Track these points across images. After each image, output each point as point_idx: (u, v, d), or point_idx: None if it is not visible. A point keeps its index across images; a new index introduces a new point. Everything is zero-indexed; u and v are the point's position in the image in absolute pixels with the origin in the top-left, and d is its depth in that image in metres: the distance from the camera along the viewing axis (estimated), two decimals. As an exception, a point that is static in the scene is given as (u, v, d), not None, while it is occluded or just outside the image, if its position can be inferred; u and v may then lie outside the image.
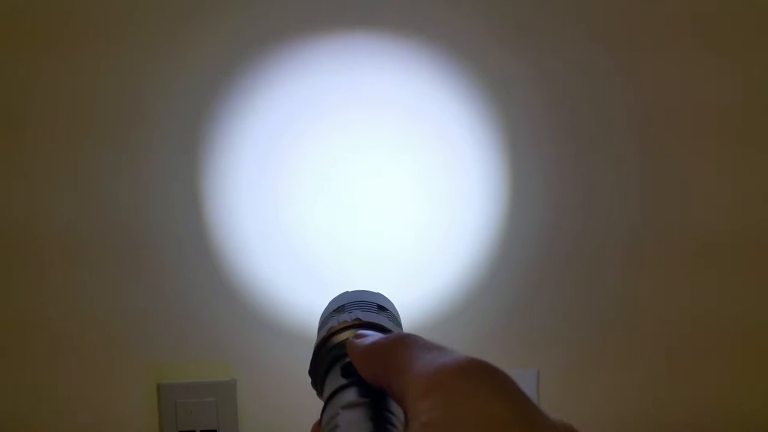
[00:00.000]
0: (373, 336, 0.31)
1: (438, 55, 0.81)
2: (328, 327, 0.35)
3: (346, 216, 0.82)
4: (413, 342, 0.29)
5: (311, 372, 0.35)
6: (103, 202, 0.81)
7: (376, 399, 0.29)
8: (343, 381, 0.31)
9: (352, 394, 0.30)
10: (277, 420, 0.85)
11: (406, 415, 0.27)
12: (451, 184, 0.82)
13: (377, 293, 0.40)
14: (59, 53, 0.79)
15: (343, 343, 0.33)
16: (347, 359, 0.32)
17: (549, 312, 0.84)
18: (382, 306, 0.38)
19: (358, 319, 0.35)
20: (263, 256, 0.82)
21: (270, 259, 0.82)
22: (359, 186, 0.82)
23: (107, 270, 0.82)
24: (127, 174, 0.81)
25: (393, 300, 0.40)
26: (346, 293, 0.39)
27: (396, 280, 0.82)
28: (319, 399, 0.36)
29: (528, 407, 0.24)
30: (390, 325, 0.35)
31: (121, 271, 0.82)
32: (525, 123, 0.82)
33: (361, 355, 0.30)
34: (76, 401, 0.84)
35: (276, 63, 0.80)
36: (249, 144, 0.81)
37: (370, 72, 0.81)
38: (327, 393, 0.31)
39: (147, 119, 0.81)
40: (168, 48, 0.80)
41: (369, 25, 0.80)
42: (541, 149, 0.82)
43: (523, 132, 0.82)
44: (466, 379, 0.25)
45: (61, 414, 0.84)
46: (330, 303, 0.39)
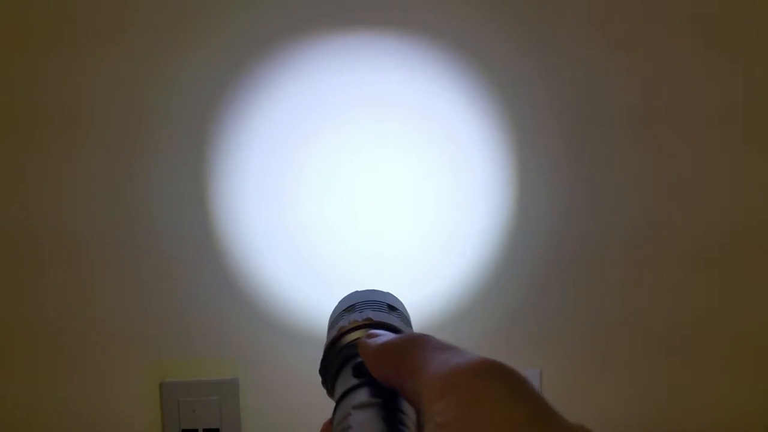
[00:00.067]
0: (385, 336, 0.31)
1: (444, 54, 0.80)
2: (338, 326, 0.35)
3: (351, 215, 0.82)
4: (427, 342, 0.28)
5: (322, 371, 0.35)
6: (108, 201, 0.81)
7: (388, 399, 0.29)
8: (355, 381, 0.31)
9: (363, 394, 0.30)
10: (280, 418, 0.84)
11: (419, 416, 0.27)
12: (458, 183, 0.82)
13: (387, 293, 0.39)
14: (63, 54, 0.79)
15: (355, 343, 0.33)
16: (359, 359, 0.32)
17: (554, 313, 0.84)
18: (392, 306, 0.37)
19: (369, 319, 0.35)
20: (267, 255, 0.82)
21: (274, 258, 0.82)
22: (365, 186, 0.82)
23: (111, 269, 0.82)
24: (132, 174, 0.81)
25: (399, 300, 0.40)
26: (356, 292, 0.39)
27: (401, 279, 0.82)
28: (329, 398, 0.36)
29: (543, 408, 0.24)
30: (401, 325, 0.35)
31: (125, 270, 0.82)
32: (531, 122, 0.82)
33: (373, 355, 0.30)
34: (79, 399, 0.84)
35: (281, 63, 0.80)
36: (255, 144, 0.81)
37: (375, 71, 0.81)
38: (338, 393, 0.31)
39: (152, 119, 0.81)
40: (173, 48, 0.80)
41: (374, 24, 0.80)
42: (548, 149, 0.82)
43: (530, 131, 0.82)
44: (480, 380, 0.24)
45: (64, 412, 0.84)
46: (340, 302, 0.39)
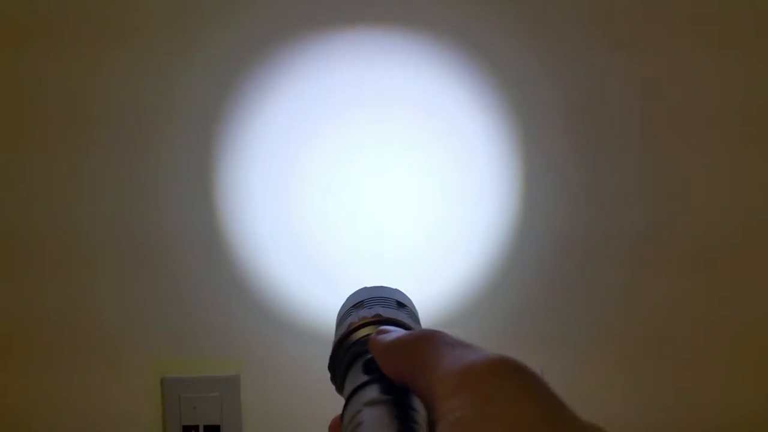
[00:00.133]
0: (396, 332, 0.31)
1: (448, 51, 0.80)
2: (348, 322, 0.35)
3: (356, 214, 0.82)
4: (439, 338, 0.28)
5: (331, 367, 0.34)
6: (110, 200, 0.81)
7: (399, 396, 0.29)
8: (365, 377, 0.30)
9: (374, 390, 0.29)
10: (281, 415, 0.84)
11: (432, 413, 0.26)
12: (463, 181, 0.81)
13: (396, 289, 0.39)
14: (64, 54, 0.79)
15: (364, 340, 0.33)
16: (369, 355, 0.31)
17: (559, 311, 0.84)
18: (401, 302, 0.37)
19: (378, 315, 0.34)
20: (271, 252, 0.82)
21: (277, 256, 0.82)
22: (370, 184, 0.82)
23: (113, 266, 0.82)
24: (134, 174, 0.81)
25: None
26: (364, 289, 0.39)
27: (406, 278, 0.82)
28: (338, 394, 0.35)
29: (558, 407, 0.24)
30: (410, 322, 0.35)
31: (127, 267, 0.82)
32: (537, 120, 0.81)
33: (384, 352, 0.30)
34: (80, 395, 0.84)
35: (285, 62, 0.80)
36: (259, 142, 0.81)
37: (380, 69, 0.80)
38: (348, 389, 0.31)
39: (154, 119, 0.80)
40: (175, 48, 0.80)
41: (378, 22, 0.80)
42: (554, 146, 0.82)
43: (536, 129, 0.81)
44: (495, 378, 0.24)
45: (66, 407, 0.84)
46: (348, 298, 0.39)
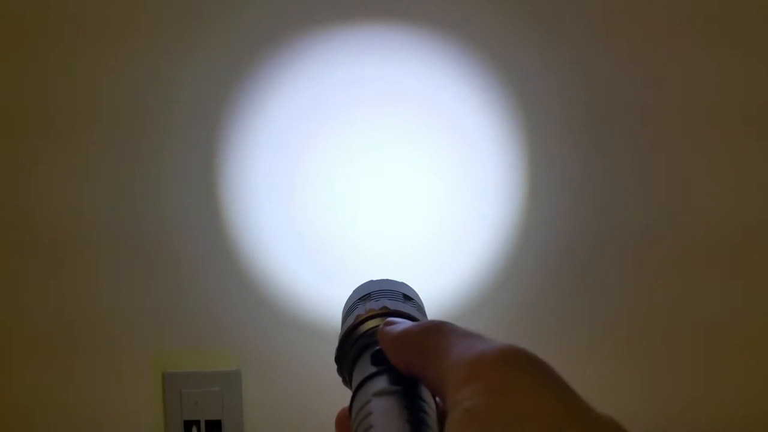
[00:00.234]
0: (404, 323, 0.31)
1: (451, 48, 0.80)
2: (355, 314, 0.35)
3: (360, 211, 0.81)
4: (449, 329, 0.28)
5: (338, 359, 0.35)
6: (110, 198, 0.81)
7: (408, 387, 0.29)
8: (374, 369, 0.30)
9: (383, 381, 0.29)
10: (282, 410, 0.84)
11: (443, 403, 0.26)
12: (467, 179, 0.81)
13: (402, 282, 0.39)
14: (64, 54, 0.79)
15: (372, 331, 0.33)
16: (377, 347, 0.31)
17: (563, 308, 0.83)
18: (407, 295, 0.37)
19: (385, 308, 0.34)
20: (273, 247, 0.82)
21: (280, 251, 0.82)
22: (373, 181, 0.81)
23: (114, 261, 0.82)
24: (136, 173, 0.81)
25: None
26: (370, 282, 0.39)
27: (410, 275, 0.81)
28: (343, 387, 0.35)
29: (572, 397, 0.24)
30: (417, 315, 0.35)
31: (128, 262, 0.82)
32: (541, 117, 0.81)
33: (393, 342, 0.30)
34: (81, 390, 0.84)
35: (286, 59, 0.80)
36: (263, 139, 0.80)
37: (382, 67, 0.80)
38: (356, 381, 0.31)
39: (157, 118, 0.80)
40: (176, 47, 0.79)
41: (379, 19, 0.80)
42: (558, 144, 0.81)
43: (540, 126, 0.81)
44: (508, 367, 0.24)
45: (66, 402, 0.84)
46: (354, 291, 0.39)
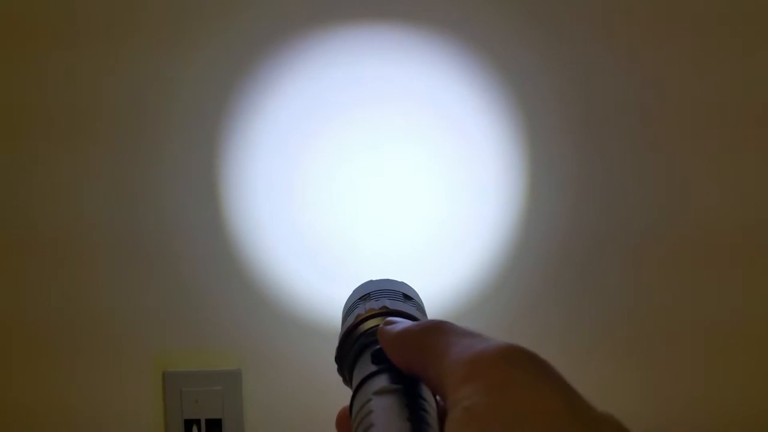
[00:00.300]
0: (404, 323, 0.31)
1: (451, 48, 0.80)
2: (355, 314, 0.35)
3: (360, 210, 0.81)
4: (448, 328, 0.28)
5: (338, 358, 0.35)
6: (111, 198, 0.81)
7: (408, 385, 0.29)
8: (374, 368, 0.31)
9: (383, 380, 0.30)
10: (283, 410, 0.84)
11: (444, 401, 0.27)
12: (467, 178, 0.81)
13: (402, 282, 0.40)
14: (65, 54, 0.79)
15: (372, 331, 0.33)
16: (377, 346, 0.32)
17: (564, 308, 0.83)
18: (407, 295, 0.37)
19: (385, 307, 0.35)
20: (273, 247, 0.82)
21: (280, 251, 0.82)
22: (373, 180, 0.81)
23: (115, 260, 0.82)
24: (136, 173, 0.81)
25: None
26: (370, 281, 0.39)
27: (411, 275, 0.81)
28: (344, 386, 0.35)
29: (573, 395, 0.24)
30: (417, 314, 0.35)
31: (129, 261, 0.82)
32: (542, 117, 0.81)
33: (393, 342, 0.30)
34: (82, 390, 0.84)
35: (287, 59, 0.80)
36: (263, 139, 0.80)
37: (382, 66, 0.80)
38: (357, 380, 0.31)
39: (157, 118, 0.80)
40: (176, 46, 0.79)
41: (379, 19, 0.80)
42: (559, 143, 0.81)
43: (540, 126, 0.81)
44: (508, 366, 0.24)
45: (66, 402, 0.84)
46: (354, 291, 0.39)
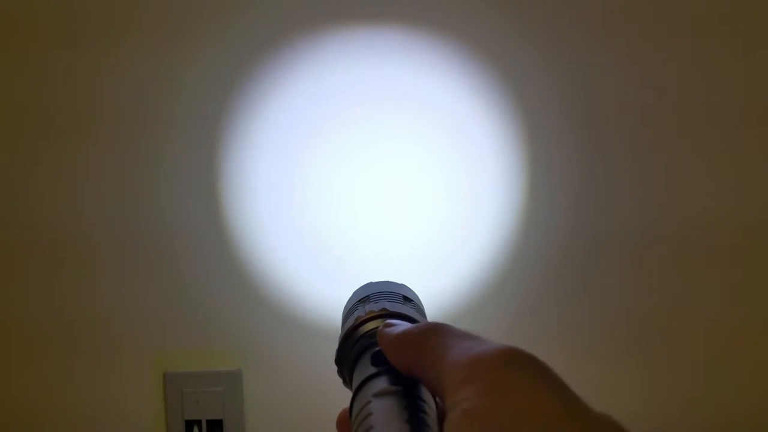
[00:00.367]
0: (404, 325, 0.31)
1: (452, 48, 0.80)
2: (355, 316, 0.35)
3: (360, 211, 0.82)
4: (447, 330, 0.29)
5: (338, 360, 0.35)
6: (113, 198, 0.81)
7: (408, 387, 0.29)
8: (374, 370, 0.31)
9: (383, 382, 0.30)
10: (283, 410, 0.85)
11: (443, 403, 0.27)
12: (467, 179, 0.81)
13: (401, 284, 0.40)
14: (65, 54, 0.79)
15: (372, 333, 0.33)
16: (377, 348, 0.32)
17: (564, 309, 0.83)
18: (407, 297, 0.37)
19: (384, 309, 0.35)
20: (273, 247, 0.82)
21: (280, 251, 0.82)
22: (373, 181, 0.81)
23: (115, 262, 0.82)
24: (137, 173, 0.81)
25: None
26: (370, 284, 0.39)
27: (411, 275, 0.82)
28: (344, 388, 0.36)
29: (571, 397, 0.24)
30: (416, 316, 0.35)
31: (129, 262, 0.82)
32: (542, 116, 0.81)
33: (393, 344, 0.30)
34: (83, 390, 0.84)
35: (288, 60, 0.80)
36: (263, 139, 0.81)
37: (382, 67, 0.80)
38: (357, 381, 0.31)
39: (157, 118, 0.80)
40: (177, 46, 0.79)
41: (379, 20, 0.80)
42: (558, 144, 0.81)
43: (540, 127, 0.81)
44: (507, 368, 0.25)
45: (66, 402, 0.84)
46: (354, 293, 0.39)
